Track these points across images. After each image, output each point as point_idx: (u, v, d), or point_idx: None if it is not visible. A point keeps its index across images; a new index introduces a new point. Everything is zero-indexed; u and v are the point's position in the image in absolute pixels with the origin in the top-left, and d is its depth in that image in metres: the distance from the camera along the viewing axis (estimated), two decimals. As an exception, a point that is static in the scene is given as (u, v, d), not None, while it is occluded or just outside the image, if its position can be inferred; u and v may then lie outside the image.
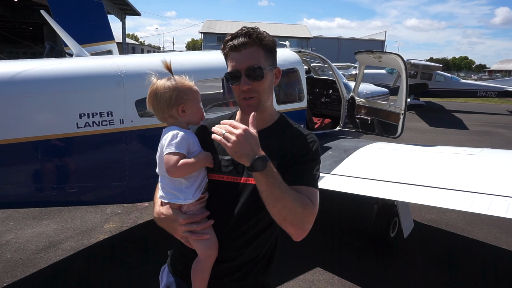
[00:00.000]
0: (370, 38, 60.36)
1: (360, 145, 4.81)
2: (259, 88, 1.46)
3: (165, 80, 1.57)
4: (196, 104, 1.60)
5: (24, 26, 33.59)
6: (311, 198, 1.41)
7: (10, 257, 3.92)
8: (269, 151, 1.41)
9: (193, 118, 1.61)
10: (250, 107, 1.47)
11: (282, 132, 1.54)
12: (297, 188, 1.39)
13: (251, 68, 1.43)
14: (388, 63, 6.35)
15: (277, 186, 1.30)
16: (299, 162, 1.45)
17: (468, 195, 3.28)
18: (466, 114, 18.43)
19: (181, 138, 1.49)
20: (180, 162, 1.45)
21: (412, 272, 3.93)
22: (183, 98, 1.56)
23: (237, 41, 1.44)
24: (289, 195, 1.32)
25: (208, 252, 1.48)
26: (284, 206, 1.32)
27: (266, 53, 1.47)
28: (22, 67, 3.26)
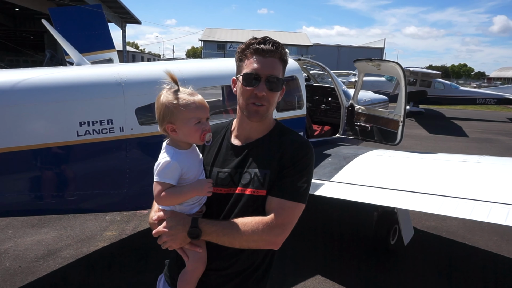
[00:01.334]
0: (369, 45, 60.76)
1: (360, 152, 4.81)
2: (272, 98, 1.47)
3: (164, 92, 1.47)
4: (188, 125, 1.44)
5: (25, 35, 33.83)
6: (278, 212, 1.41)
7: (9, 266, 3.90)
8: (263, 161, 1.47)
9: (187, 139, 1.48)
10: (258, 114, 1.47)
11: (276, 141, 1.52)
12: (270, 200, 1.43)
13: (273, 76, 1.44)
14: (387, 71, 6.39)
15: (222, 235, 1.40)
16: (286, 173, 1.44)
17: (468, 202, 3.27)
18: (465, 121, 18.47)
19: (170, 167, 1.42)
20: (163, 194, 1.42)
21: (412, 279, 3.91)
22: (172, 116, 1.43)
23: (266, 47, 1.44)
24: (238, 233, 1.38)
25: (195, 265, 1.47)
26: (240, 243, 1.41)
27: (283, 68, 1.51)
28: (23, 75, 3.28)
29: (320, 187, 4.10)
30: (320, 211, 5.58)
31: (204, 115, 1.48)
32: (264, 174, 1.45)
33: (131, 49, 60.09)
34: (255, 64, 1.43)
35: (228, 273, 1.49)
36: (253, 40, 1.47)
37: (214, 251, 1.47)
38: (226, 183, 1.49)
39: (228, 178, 1.49)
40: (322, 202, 4.87)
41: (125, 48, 32.65)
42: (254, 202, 1.44)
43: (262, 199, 1.44)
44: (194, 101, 1.45)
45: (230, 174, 1.49)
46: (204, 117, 1.48)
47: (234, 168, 1.50)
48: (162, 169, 1.43)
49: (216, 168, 1.53)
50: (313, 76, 8.35)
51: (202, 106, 1.47)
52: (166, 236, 1.42)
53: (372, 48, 57.55)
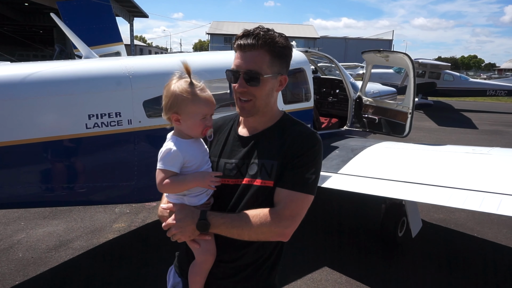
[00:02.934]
0: (377, 37, 60.02)
1: (368, 145, 4.79)
2: (256, 92, 1.44)
3: (176, 82, 1.48)
4: (194, 119, 1.47)
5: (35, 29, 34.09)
6: (286, 204, 1.40)
7: (21, 256, 3.98)
8: (270, 152, 1.46)
9: (188, 132, 1.50)
10: (244, 110, 1.47)
11: (283, 132, 1.50)
12: (278, 191, 1.42)
13: (249, 72, 1.42)
14: (396, 62, 6.32)
15: (231, 227, 1.40)
16: (293, 164, 1.42)
17: (477, 194, 3.25)
18: (475, 113, 18.23)
19: (172, 155, 1.44)
20: (166, 181, 1.44)
21: (420, 272, 3.91)
22: (179, 107, 1.46)
23: (244, 41, 1.42)
24: (247, 225, 1.38)
25: (204, 257, 1.48)
26: (249, 236, 1.41)
27: (272, 59, 1.43)
28: (33, 69, 3.32)
29: (327, 179, 4.09)
30: (327, 203, 5.57)
31: (210, 112, 1.51)
32: (271, 165, 1.44)
33: (138, 43, 60.24)
34: (236, 60, 1.45)
35: (237, 265, 1.50)
36: (239, 34, 1.46)
37: (223, 243, 1.47)
38: (233, 174, 1.49)
39: (235, 169, 1.49)
40: (329, 194, 4.87)
41: (132, 42, 32.73)
42: (262, 193, 1.44)
43: (270, 190, 1.43)
44: (204, 98, 1.48)
45: (237, 165, 1.49)
46: (210, 114, 1.51)
47: (241, 159, 1.49)
48: (164, 157, 1.46)
49: (223, 159, 1.53)
50: (321, 69, 8.29)
51: (210, 103, 1.49)
52: (175, 228, 1.43)
53: (380, 40, 56.81)
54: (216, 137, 1.60)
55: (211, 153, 1.57)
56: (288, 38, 1.57)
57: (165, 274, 1.73)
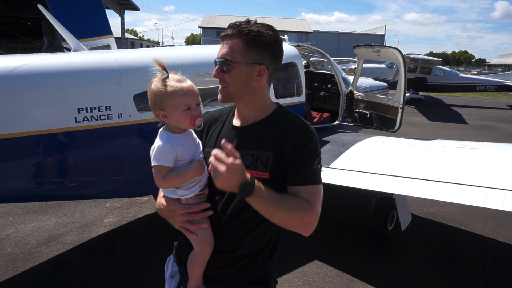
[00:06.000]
0: (370, 32, 60.13)
1: (359, 139, 4.82)
2: (228, 80, 1.46)
3: (155, 80, 1.49)
4: (177, 111, 1.47)
5: (23, 22, 33.42)
6: (310, 198, 1.39)
7: (10, 251, 3.95)
8: (264, 143, 1.45)
9: (177, 125, 1.51)
10: (221, 95, 1.50)
11: (278, 123, 1.49)
12: (297, 190, 1.40)
13: (222, 59, 1.45)
14: (387, 57, 6.35)
15: (268, 204, 1.33)
16: (298, 158, 1.41)
17: (465, 188, 3.30)
18: (465, 108, 18.44)
19: (164, 150, 1.46)
20: (166, 177, 1.46)
21: (410, 264, 3.97)
22: (161, 103, 1.47)
23: (225, 32, 1.47)
24: (284, 207, 1.35)
25: (202, 248, 1.50)
26: (281, 217, 1.37)
27: (246, 47, 1.42)
28: (21, 62, 3.26)
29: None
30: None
31: (193, 101, 1.50)
32: (267, 156, 1.43)
33: (130, 36, 59.54)
34: (219, 49, 1.48)
35: (235, 255, 1.51)
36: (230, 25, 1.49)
37: (220, 234, 1.50)
38: None
39: None
40: (320, 189, 4.90)
41: (123, 35, 32.33)
42: None
43: (264, 181, 1.38)
44: (181, 88, 1.47)
45: None
46: (194, 103, 1.50)
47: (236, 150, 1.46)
48: (157, 153, 1.47)
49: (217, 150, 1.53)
50: (313, 63, 8.29)
51: (190, 92, 1.49)
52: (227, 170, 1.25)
53: (372, 35, 56.92)
54: (212, 128, 1.61)
55: (207, 144, 1.58)
56: (280, 32, 1.57)
57: (157, 267, 1.75)
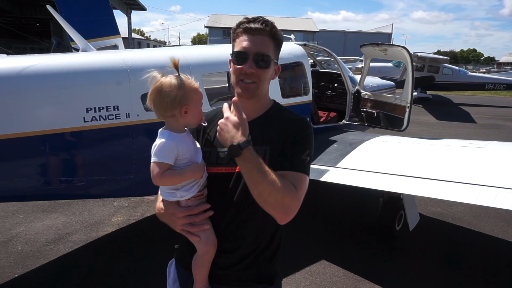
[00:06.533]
0: (376, 31, 59.81)
1: (366, 138, 4.80)
2: (261, 75, 1.49)
3: (172, 78, 1.51)
4: (198, 107, 1.55)
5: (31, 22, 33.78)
6: (295, 183, 1.40)
7: (20, 249, 4.00)
8: (262, 138, 1.50)
9: (193, 121, 1.56)
10: (248, 90, 1.50)
11: (275, 119, 1.56)
12: (283, 174, 1.40)
13: (260, 54, 1.47)
14: (394, 56, 6.31)
15: (255, 171, 1.32)
16: (289, 146, 1.47)
17: (474, 187, 3.27)
18: (473, 107, 18.25)
19: (167, 147, 1.47)
20: (164, 174, 1.46)
21: (417, 265, 3.94)
22: (188, 99, 1.51)
23: (254, 25, 1.47)
24: (269, 180, 1.32)
25: (206, 249, 1.50)
26: (263, 189, 1.33)
27: (275, 46, 1.52)
28: (30, 62, 3.30)
29: (325, 173, 4.10)
30: (325, 196, 5.60)
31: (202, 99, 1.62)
32: (264, 150, 1.48)
33: (136, 36, 59.87)
34: (244, 42, 1.47)
35: (238, 255, 1.52)
36: (244, 19, 1.50)
37: (221, 234, 1.51)
38: (226, 162, 1.51)
39: (228, 157, 1.50)
40: (327, 188, 4.89)
41: (130, 35, 32.53)
42: None
43: None
44: (198, 86, 1.55)
45: None
46: None
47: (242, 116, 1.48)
48: (158, 150, 1.47)
49: (216, 149, 1.55)
50: (319, 62, 8.27)
51: (201, 91, 1.59)
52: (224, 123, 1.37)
53: (379, 33, 56.60)
54: (209, 128, 1.62)
55: (204, 144, 1.59)
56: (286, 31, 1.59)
57: (164, 266, 1.74)
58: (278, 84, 4.79)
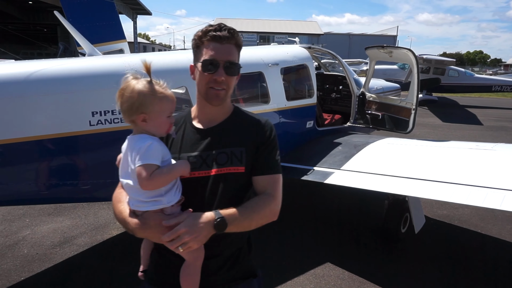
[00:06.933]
0: (381, 33, 59.66)
1: (371, 141, 4.78)
2: (230, 82, 1.54)
3: (138, 83, 1.45)
4: (161, 117, 1.47)
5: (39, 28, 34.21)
6: (273, 186, 1.54)
7: (26, 252, 4.03)
8: (235, 140, 1.56)
9: (155, 131, 1.49)
10: (219, 97, 1.54)
11: (242, 121, 1.62)
12: (263, 178, 1.54)
13: (230, 62, 1.52)
14: (399, 58, 6.29)
15: (242, 221, 1.44)
16: (263, 151, 1.56)
17: (481, 190, 3.24)
18: (480, 109, 18.11)
19: (154, 149, 1.43)
20: (153, 175, 1.39)
21: (423, 268, 3.90)
22: (148, 107, 1.44)
23: (222, 33, 1.50)
24: (254, 215, 1.47)
25: (196, 255, 1.46)
26: (256, 223, 1.50)
27: (238, 53, 1.57)
28: (37, 67, 3.34)
29: (330, 175, 4.09)
30: (330, 199, 5.58)
31: (173, 109, 1.53)
32: (241, 151, 1.54)
33: (142, 40, 60.31)
34: (213, 50, 1.50)
35: (223, 258, 1.56)
36: (209, 27, 1.53)
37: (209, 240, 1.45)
38: (198, 166, 1.52)
39: (199, 161, 1.53)
40: (332, 191, 4.87)
41: (136, 39, 32.79)
42: (236, 179, 1.53)
43: (241, 176, 1.53)
44: (169, 95, 1.49)
45: (201, 156, 1.53)
46: (173, 111, 1.53)
47: (205, 151, 1.54)
48: (145, 152, 1.41)
49: (184, 154, 1.55)
50: (324, 65, 8.27)
51: (174, 100, 1.52)
52: (189, 235, 1.34)
53: (384, 36, 56.46)
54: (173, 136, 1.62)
55: (171, 150, 1.56)
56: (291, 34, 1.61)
57: None
58: (282, 87, 4.80)
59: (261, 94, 4.80)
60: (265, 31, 52.39)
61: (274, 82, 4.69)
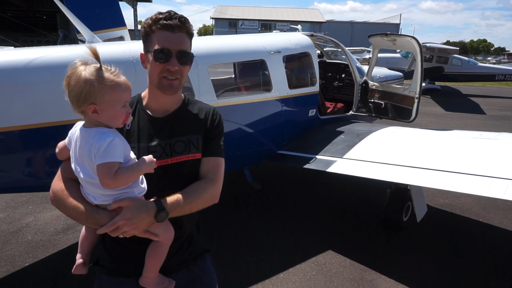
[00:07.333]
0: (384, 21, 59.03)
1: (373, 130, 4.76)
2: (183, 71, 1.54)
3: (86, 69, 1.31)
4: (114, 107, 1.34)
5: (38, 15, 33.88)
6: (215, 170, 1.60)
7: (30, 239, 4.06)
8: (190, 128, 1.60)
9: (109, 122, 1.37)
10: (172, 87, 1.53)
11: (194, 109, 1.65)
12: (208, 159, 1.60)
13: (183, 51, 1.50)
14: (403, 46, 6.22)
15: (183, 206, 1.46)
16: (212, 136, 1.63)
17: (484, 179, 3.23)
18: (483, 98, 18.00)
19: (117, 145, 1.33)
20: (118, 173, 1.31)
21: (425, 256, 3.92)
22: (97, 97, 1.30)
23: (173, 22, 1.47)
24: (196, 199, 1.50)
25: (170, 236, 1.48)
26: (197, 206, 1.52)
27: (190, 42, 1.56)
28: (37, 54, 3.31)
29: (332, 164, 4.09)
30: (332, 187, 5.58)
31: (129, 98, 1.43)
32: (197, 138, 1.59)
33: (142, 28, 59.74)
34: (165, 39, 1.47)
35: (182, 239, 1.62)
36: (159, 15, 1.49)
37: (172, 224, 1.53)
38: (158, 155, 1.51)
39: (159, 151, 1.53)
40: (334, 179, 4.88)
41: (136, 27, 32.48)
42: (194, 165, 1.59)
43: (198, 162, 1.60)
44: (122, 83, 1.37)
45: (161, 145, 1.54)
46: (129, 100, 1.43)
47: (164, 140, 1.55)
48: (107, 150, 1.30)
49: (143, 144, 1.53)
50: (327, 53, 8.19)
51: (129, 88, 1.40)
52: (128, 226, 1.35)
53: (387, 24, 55.85)
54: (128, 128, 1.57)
55: (128, 140, 1.49)
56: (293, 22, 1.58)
57: None
58: (285, 74, 4.76)
59: (263, 82, 4.76)
60: (266, 19, 51.89)
61: (276, 70, 4.65)
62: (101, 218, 1.38)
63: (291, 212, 4.78)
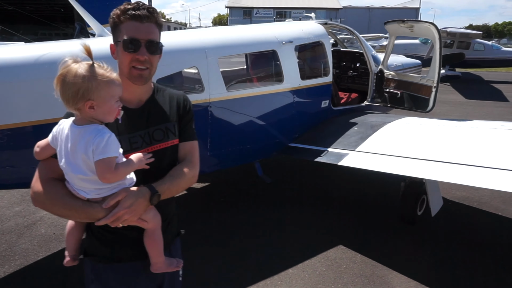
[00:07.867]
0: (403, 6, 57.38)
1: (388, 121, 4.62)
2: (153, 61, 1.56)
3: (80, 66, 1.35)
4: (110, 102, 1.40)
5: (56, 8, 34.36)
6: (192, 152, 1.72)
7: (44, 232, 4.13)
8: (166, 116, 1.66)
9: (104, 118, 1.43)
10: (142, 77, 1.55)
11: (165, 96, 1.71)
12: (185, 144, 1.71)
13: (152, 41, 1.53)
14: (421, 33, 5.98)
15: (172, 188, 1.58)
16: (185, 122, 1.72)
17: (505, 173, 3.09)
18: (506, 84, 17.32)
19: (114, 141, 1.40)
20: (116, 168, 1.40)
21: (440, 251, 3.80)
22: (94, 93, 1.35)
23: (142, 12, 1.50)
24: (182, 180, 1.62)
25: (158, 220, 1.58)
26: (182, 188, 1.67)
27: (159, 32, 1.59)
28: (45, 50, 3.30)
29: (345, 157, 3.99)
30: (344, 181, 5.48)
31: (121, 93, 1.48)
32: (173, 125, 1.67)
33: (157, 19, 59.94)
34: (134, 29, 1.50)
35: (167, 221, 1.72)
36: (127, 5, 1.51)
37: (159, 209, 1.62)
38: (139, 146, 1.59)
39: (140, 141, 1.59)
40: (347, 172, 4.77)
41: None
42: (173, 151, 1.68)
43: (177, 147, 1.69)
44: (116, 78, 1.43)
45: (140, 136, 1.60)
46: (120, 95, 1.47)
47: (142, 130, 1.60)
48: (108, 145, 1.37)
49: (124, 136, 1.56)
50: (341, 41, 7.98)
51: (121, 84, 1.46)
52: (129, 214, 1.44)
53: (406, 8, 54.29)
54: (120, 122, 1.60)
55: None
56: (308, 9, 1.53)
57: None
58: (297, 65, 4.65)
59: (275, 73, 4.66)
60: (281, 7, 51.16)
61: (288, 61, 4.54)
62: (96, 212, 1.44)
63: (302, 206, 4.71)
